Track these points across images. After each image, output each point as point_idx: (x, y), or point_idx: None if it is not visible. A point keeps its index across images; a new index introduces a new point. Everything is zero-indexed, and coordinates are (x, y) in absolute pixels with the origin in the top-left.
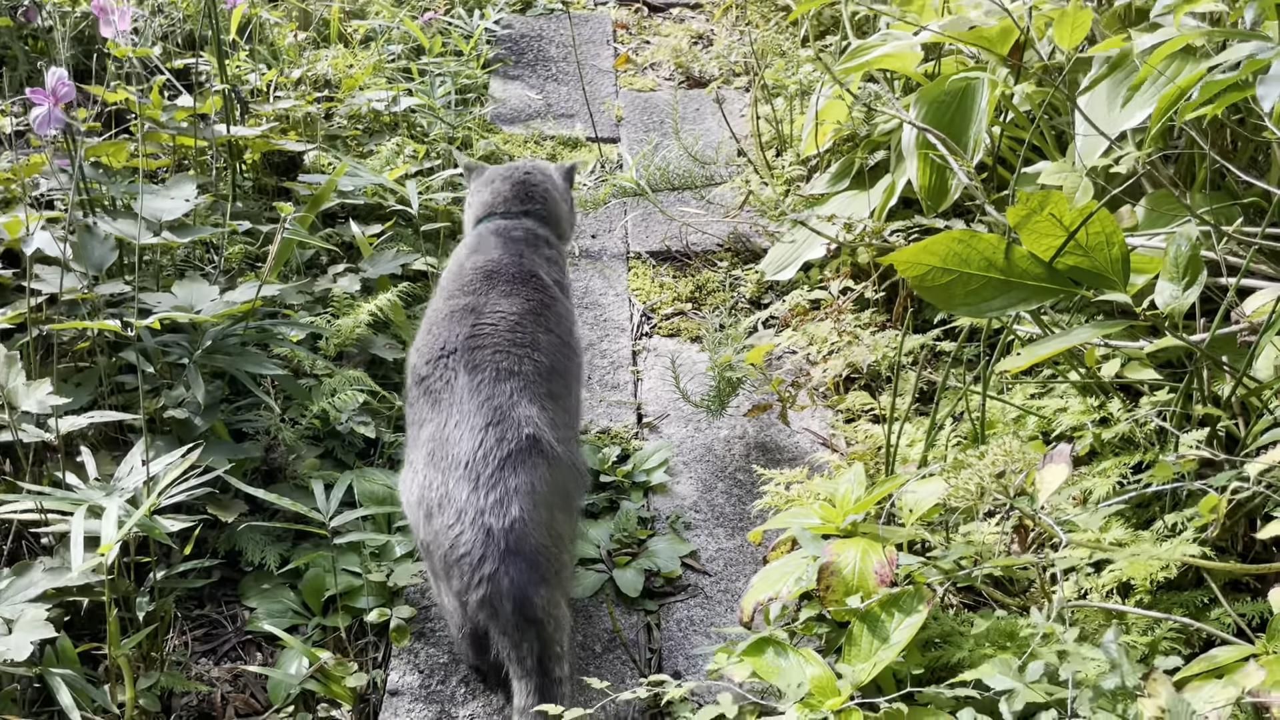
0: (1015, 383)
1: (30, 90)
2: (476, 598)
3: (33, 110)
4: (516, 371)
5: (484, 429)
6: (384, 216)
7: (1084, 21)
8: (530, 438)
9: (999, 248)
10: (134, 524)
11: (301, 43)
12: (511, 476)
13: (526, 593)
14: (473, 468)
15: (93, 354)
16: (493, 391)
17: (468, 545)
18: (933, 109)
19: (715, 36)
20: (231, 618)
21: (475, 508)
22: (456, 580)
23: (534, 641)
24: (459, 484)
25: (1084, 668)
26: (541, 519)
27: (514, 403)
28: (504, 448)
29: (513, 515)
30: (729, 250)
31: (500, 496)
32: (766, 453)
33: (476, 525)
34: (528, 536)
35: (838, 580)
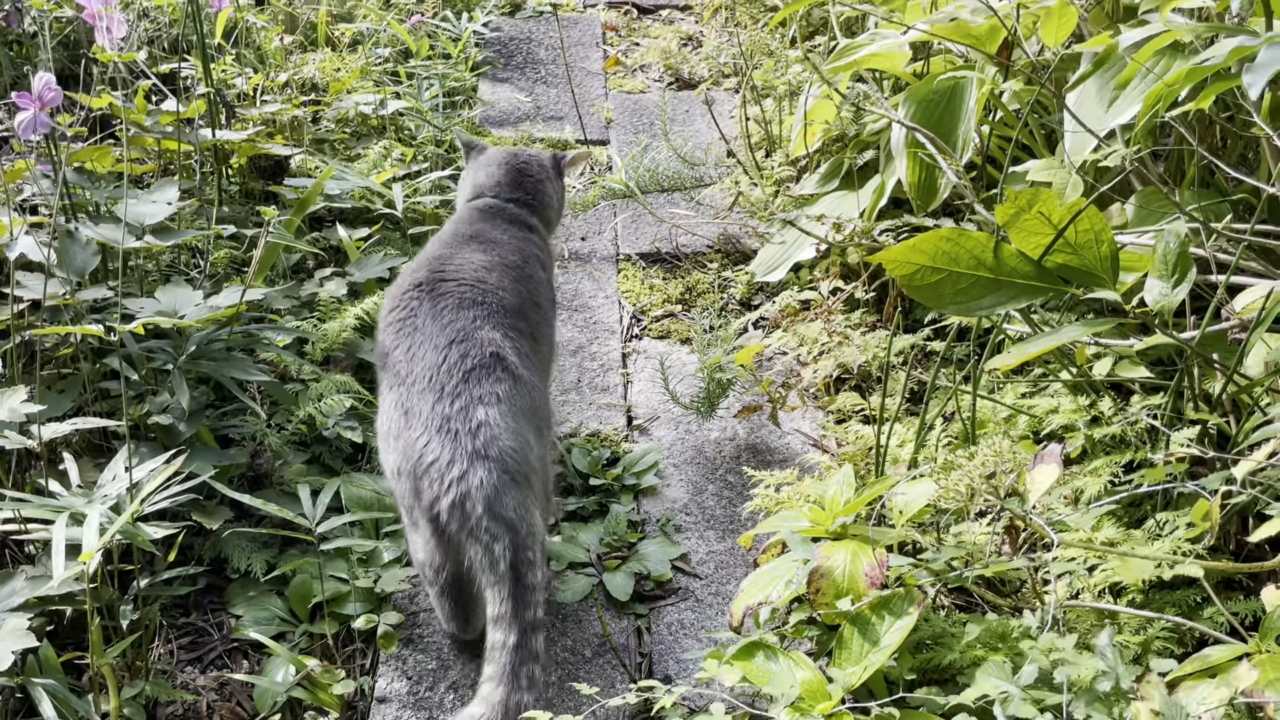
0: (1006, 382)
1: (16, 95)
2: (447, 503)
3: (18, 115)
4: (481, 303)
5: (447, 346)
6: (371, 220)
7: (1070, 19)
8: (494, 355)
9: (988, 246)
10: (116, 531)
11: (288, 46)
12: (476, 387)
13: (497, 492)
14: (436, 380)
15: (76, 360)
16: (455, 316)
17: (435, 452)
18: (921, 108)
19: (704, 38)
20: (217, 625)
21: (441, 415)
22: (427, 491)
23: (506, 544)
24: (423, 396)
25: (1078, 671)
26: (508, 425)
27: (477, 326)
28: (467, 362)
29: (478, 419)
30: (719, 251)
31: (465, 404)
32: (757, 454)
33: (443, 432)
34: (495, 440)
35: (828, 583)
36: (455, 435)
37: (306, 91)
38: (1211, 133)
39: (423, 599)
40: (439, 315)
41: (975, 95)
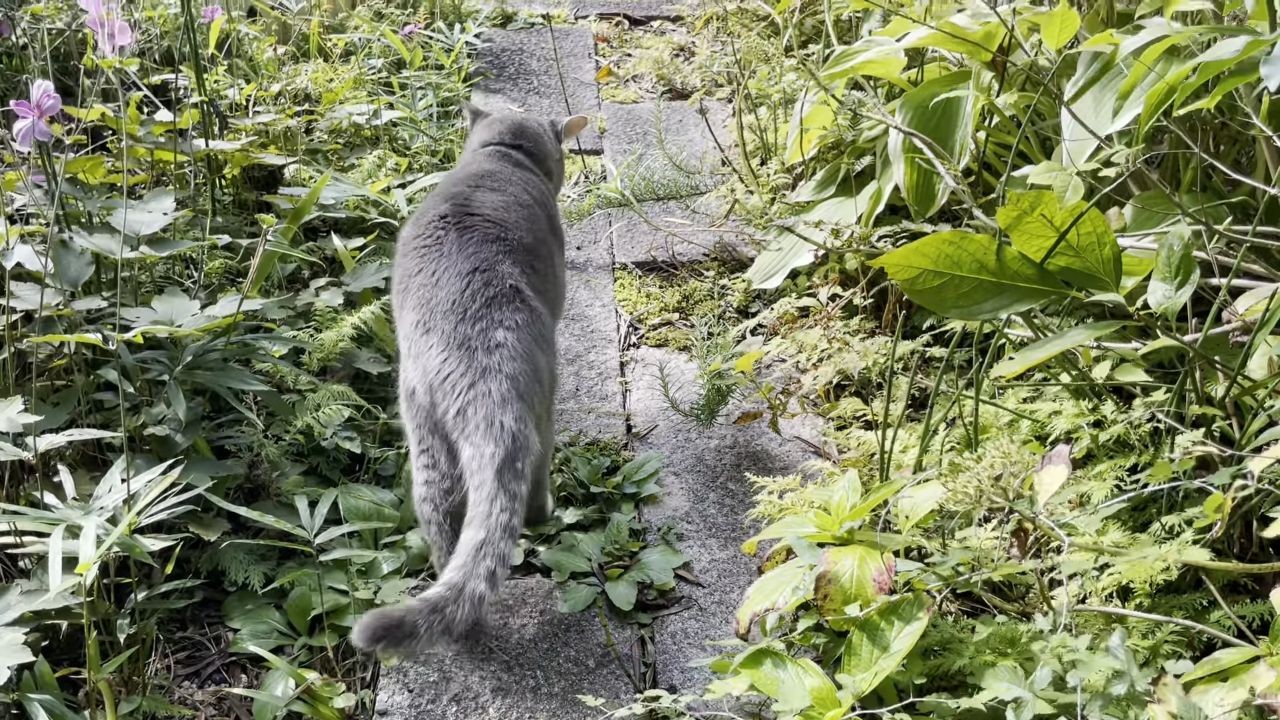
0: (1008, 386)
1: (15, 103)
2: (455, 409)
3: (16, 123)
4: (502, 239)
5: (470, 273)
6: (366, 229)
7: (1072, 22)
8: (513, 287)
9: (990, 249)
10: (112, 543)
11: (281, 57)
12: (496, 312)
13: (504, 401)
14: (459, 304)
15: (70, 371)
16: (479, 248)
17: (451, 367)
18: (918, 114)
19: (697, 48)
20: (215, 639)
21: (462, 335)
22: (441, 404)
23: (501, 449)
24: (445, 317)
25: (1091, 674)
26: (523, 350)
27: (499, 259)
28: (490, 290)
29: (496, 340)
30: (715, 259)
31: (485, 327)
32: (758, 461)
33: (463, 349)
34: (510, 359)
35: (836, 589)
36: (473, 352)
37: (300, 102)
38: (1207, 138)
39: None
40: (464, 246)
41: (972, 101)
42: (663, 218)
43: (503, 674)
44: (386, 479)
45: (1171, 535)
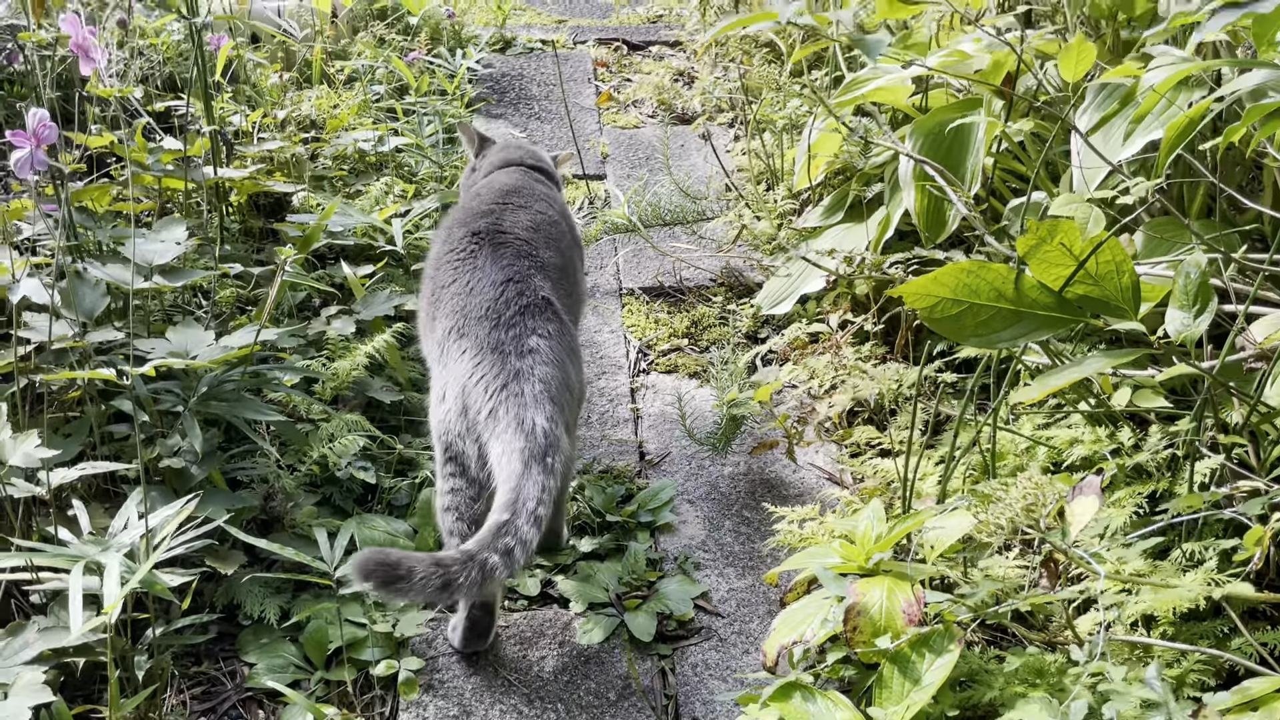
0: (1023, 412)
1: (10, 132)
2: (488, 410)
3: (14, 153)
4: (533, 255)
5: (504, 284)
6: (374, 257)
7: (1089, 54)
8: (545, 299)
9: (1008, 278)
10: (137, 581)
11: (285, 83)
12: (530, 320)
13: (535, 402)
14: (493, 311)
15: (82, 403)
16: (513, 262)
17: (485, 370)
18: (929, 141)
19: (696, 74)
20: (230, 674)
21: (496, 340)
22: (473, 407)
23: (532, 445)
24: (480, 323)
25: (1126, 706)
26: (554, 357)
27: (531, 274)
28: (523, 299)
29: (530, 345)
30: (722, 285)
31: (519, 333)
32: (772, 489)
33: (496, 353)
34: (541, 364)
35: (865, 621)
36: (506, 356)
37: (306, 129)
38: (1211, 163)
39: (441, 643)
40: (498, 259)
41: (984, 129)
42: (669, 243)
43: (523, 707)
44: (400, 509)
45: (1193, 563)
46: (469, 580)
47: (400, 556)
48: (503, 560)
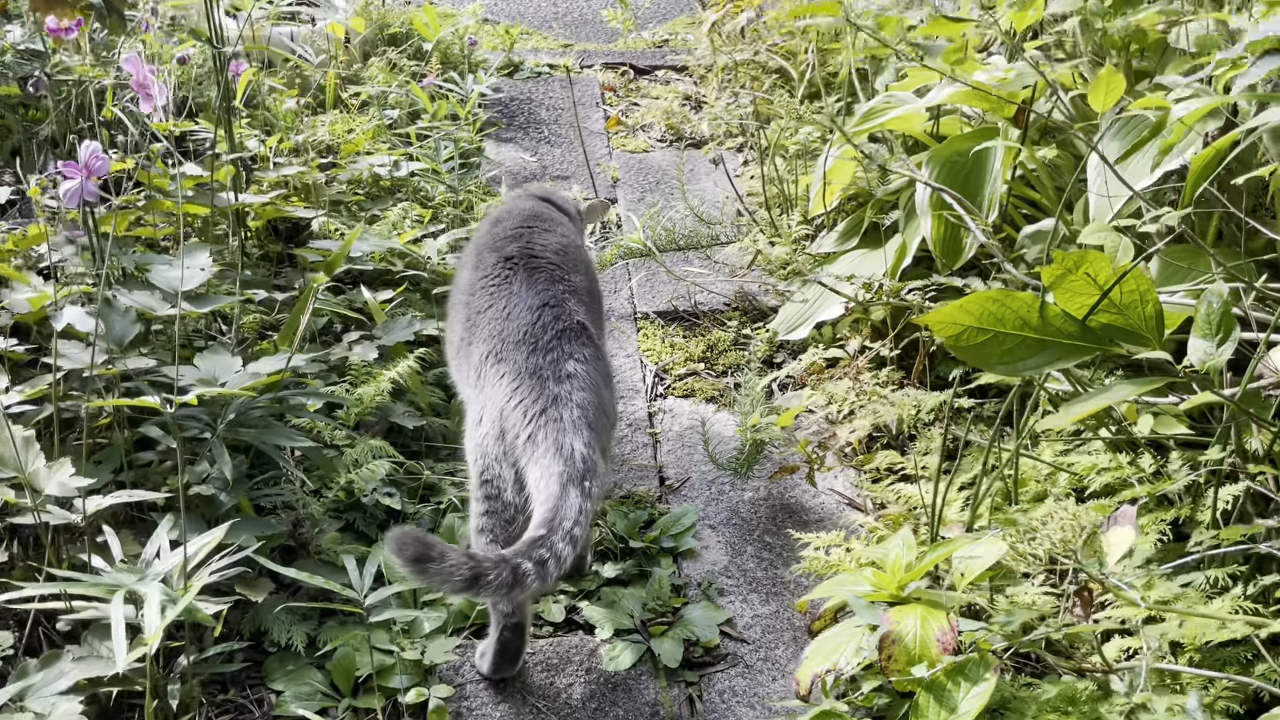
0: (1043, 439)
1: (63, 163)
2: (526, 435)
3: (64, 184)
4: (566, 280)
5: (540, 308)
6: (393, 282)
7: (1119, 85)
8: (580, 324)
9: (1033, 306)
10: (179, 611)
11: (300, 109)
12: (566, 344)
13: (574, 428)
14: (531, 335)
15: (111, 430)
16: (548, 287)
17: (523, 395)
18: (946, 169)
19: (704, 98)
20: (258, 701)
21: (534, 364)
22: (510, 431)
23: (568, 468)
24: (518, 348)
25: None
26: (590, 381)
27: (565, 298)
28: (559, 324)
29: (568, 370)
30: (737, 309)
31: (556, 357)
32: (793, 514)
33: (535, 377)
34: (579, 389)
35: (900, 649)
36: (544, 381)
37: (322, 154)
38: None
39: (469, 671)
40: (533, 284)
41: (1001, 157)
42: (682, 267)
43: None
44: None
45: (1217, 590)
46: (499, 580)
47: (436, 540)
48: (536, 569)
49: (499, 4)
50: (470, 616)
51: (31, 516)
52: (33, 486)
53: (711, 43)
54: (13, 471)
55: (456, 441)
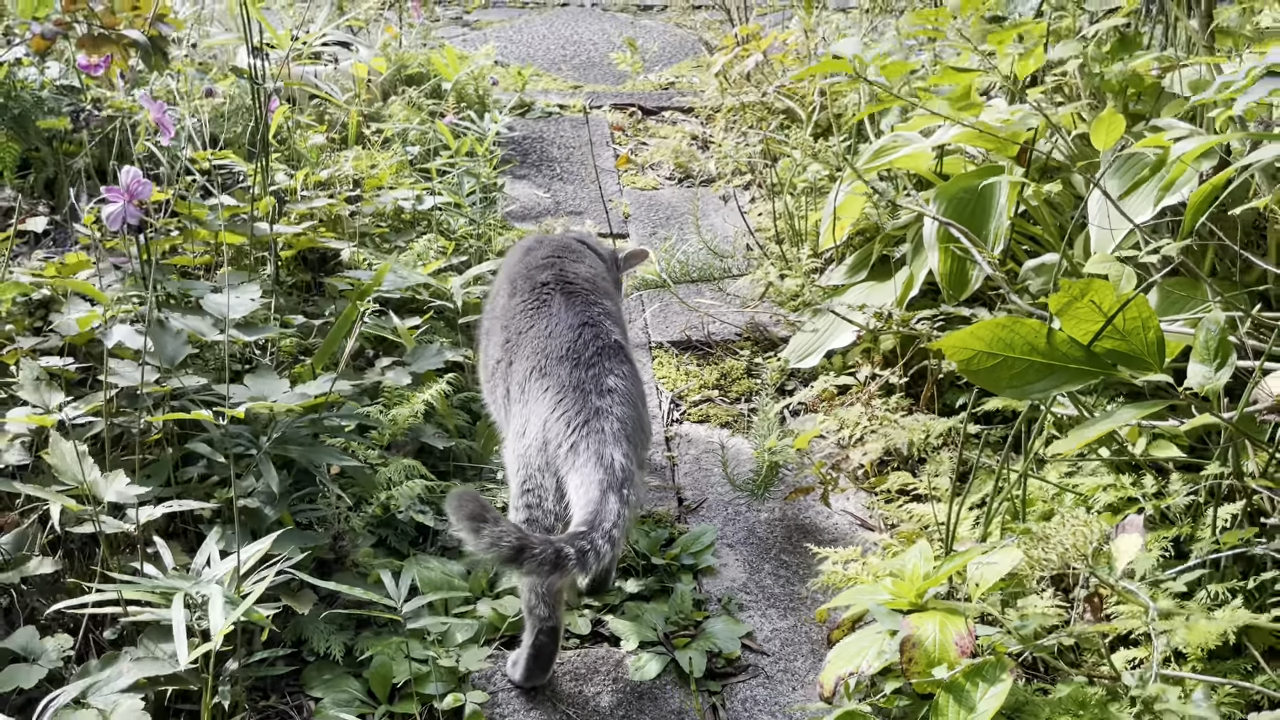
0: (1048, 461)
1: (106, 188)
2: (568, 445)
3: (107, 208)
4: (600, 304)
5: (580, 327)
6: (418, 310)
7: (1119, 125)
8: (617, 343)
9: (1040, 332)
10: (241, 612)
11: (326, 144)
12: (607, 361)
13: (614, 439)
14: (573, 351)
15: (159, 445)
16: (586, 308)
17: (567, 407)
18: (953, 205)
19: (711, 138)
20: (298, 708)
21: (577, 379)
22: (553, 441)
23: (608, 476)
24: (561, 363)
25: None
26: (628, 396)
27: (602, 319)
28: (599, 342)
29: (608, 384)
30: (748, 339)
31: (598, 373)
32: (808, 534)
33: (578, 391)
34: (619, 404)
35: (920, 653)
36: (586, 394)
37: (348, 188)
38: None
39: (500, 679)
40: (571, 305)
41: (1006, 193)
42: (694, 299)
43: None
44: (452, 550)
45: (1217, 603)
46: (543, 556)
47: (493, 507)
48: (577, 557)
49: (510, 47)
50: (500, 629)
51: (90, 525)
52: (93, 495)
53: (720, 85)
54: (72, 481)
55: (483, 462)
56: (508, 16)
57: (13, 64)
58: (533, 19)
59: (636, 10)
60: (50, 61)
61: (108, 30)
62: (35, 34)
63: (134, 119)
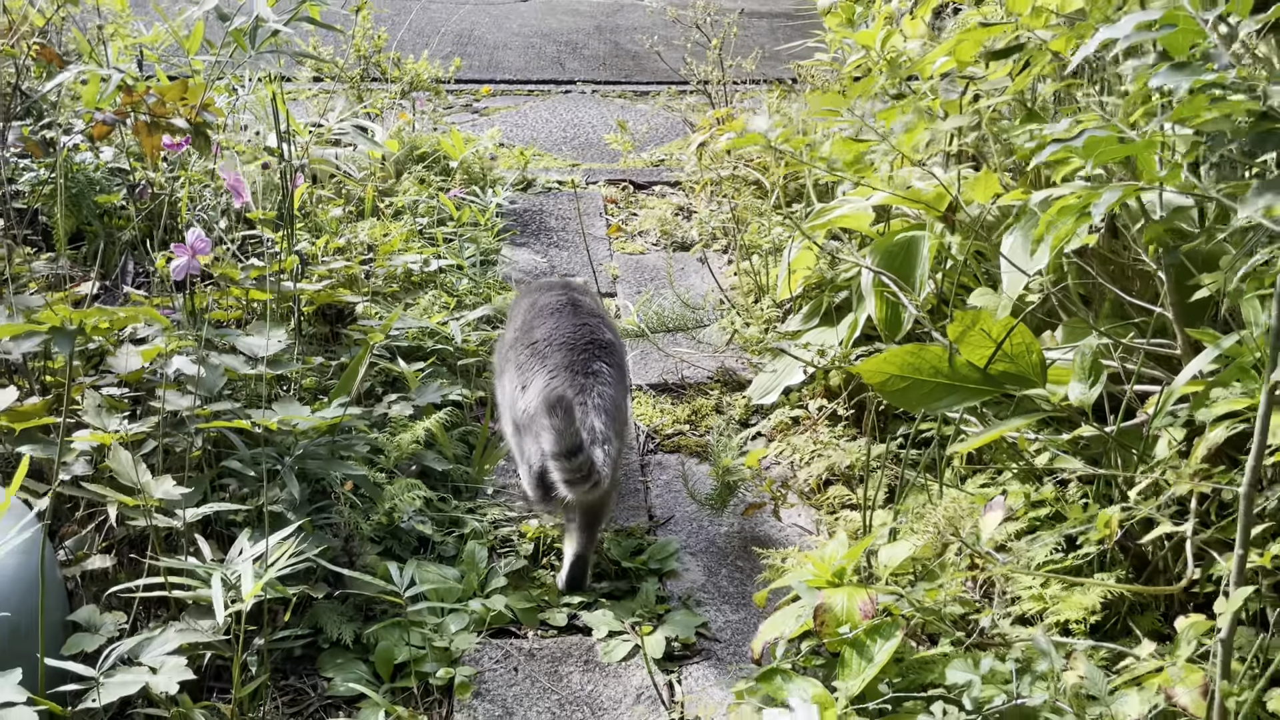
0: (969, 475)
1: (174, 245)
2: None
3: (174, 261)
4: (600, 317)
5: (580, 326)
6: (424, 356)
7: (993, 183)
8: (609, 341)
9: (943, 357)
10: (267, 580)
11: (344, 216)
12: (597, 350)
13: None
14: (569, 342)
15: (199, 468)
16: (587, 318)
17: (559, 380)
18: (885, 257)
19: (694, 208)
20: (313, 687)
21: (569, 360)
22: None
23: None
24: (559, 350)
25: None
26: (612, 381)
27: (599, 325)
28: (592, 336)
29: (594, 368)
30: (718, 382)
31: (587, 358)
32: (760, 543)
33: (569, 369)
34: (600, 385)
35: (831, 616)
36: (575, 374)
37: (364, 253)
38: (1122, 271)
39: (487, 660)
40: (577, 315)
41: (927, 246)
42: (671, 347)
43: (555, 709)
44: (449, 559)
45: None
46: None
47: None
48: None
49: (516, 130)
50: (486, 620)
51: (143, 520)
52: (147, 492)
53: (699, 160)
54: (128, 482)
55: (478, 483)
56: (514, 103)
57: (71, 149)
58: (537, 105)
59: (633, 96)
60: (104, 147)
61: (159, 118)
62: (99, 120)
63: (175, 196)
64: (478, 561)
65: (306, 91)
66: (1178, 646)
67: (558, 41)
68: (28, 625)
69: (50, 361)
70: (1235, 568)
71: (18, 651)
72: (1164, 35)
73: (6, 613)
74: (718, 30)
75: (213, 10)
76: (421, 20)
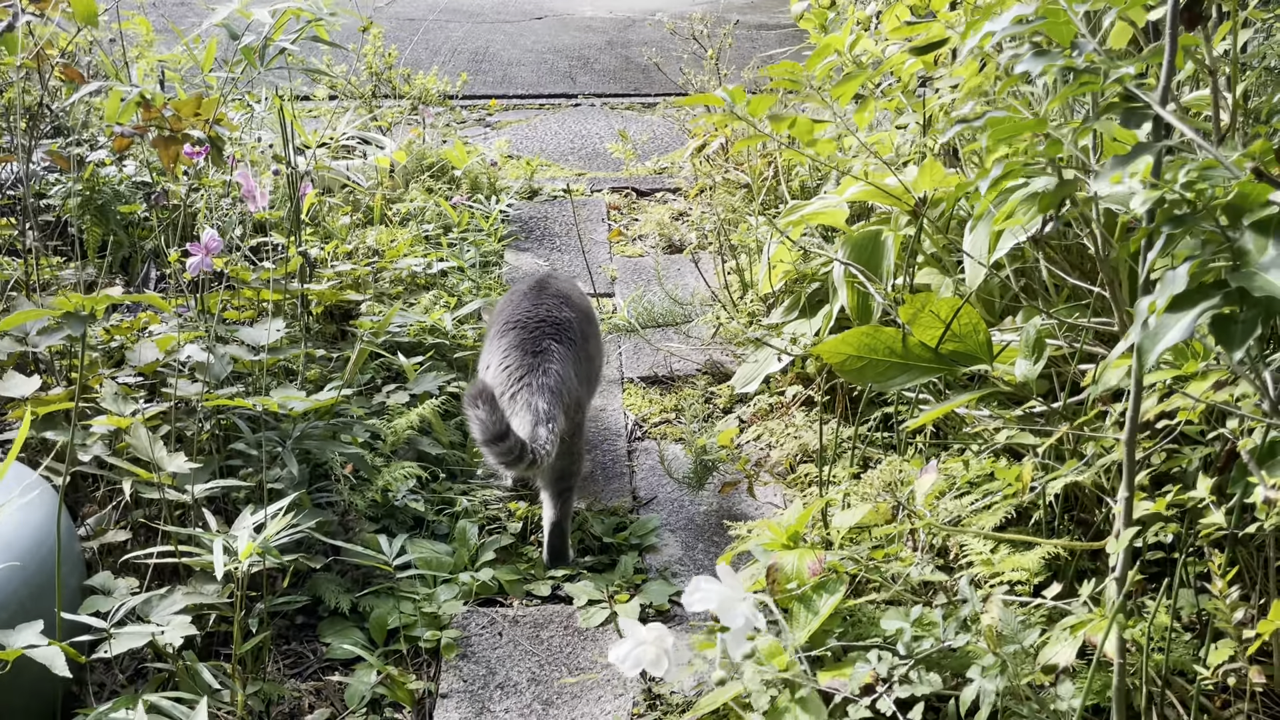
0: (932, 453)
1: (190, 244)
2: (508, 395)
3: (190, 259)
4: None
5: (536, 305)
6: (423, 350)
7: (938, 173)
8: (565, 319)
9: (897, 338)
10: (261, 541)
11: (353, 223)
12: (549, 329)
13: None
14: (523, 320)
15: (207, 451)
16: (551, 300)
17: (510, 360)
18: (855, 249)
19: (690, 213)
20: (313, 651)
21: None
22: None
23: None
24: (512, 330)
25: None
26: (562, 357)
27: (556, 306)
28: (550, 315)
29: (543, 347)
30: (705, 373)
31: (538, 337)
32: (736, 519)
33: (519, 350)
34: (548, 363)
35: (781, 575)
36: (525, 352)
37: (370, 258)
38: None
39: (474, 626)
40: (540, 297)
41: (893, 238)
42: (662, 341)
43: (535, 669)
44: (442, 537)
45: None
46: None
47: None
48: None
49: (525, 141)
50: (473, 590)
51: (156, 492)
52: (160, 467)
53: (694, 166)
54: (144, 457)
55: (471, 467)
56: (525, 116)
57: (97, 164)
58: (546, 118)
59: (641, 108)
60: (127, 161)
61: (175, 132)
62: (118, 134)
63: (193, 206)
64: (469, 538)
65: (323, 108)
66: (1105, 603)
67: (570, 57)
68: (50, 585)
69: (74, 359)
70: (1123, 510)
71: (41, 608)
72: (1035, 26)
73: (31, 569)
74: (713, 41)
75: (223, 29)
76: (439, 39)
